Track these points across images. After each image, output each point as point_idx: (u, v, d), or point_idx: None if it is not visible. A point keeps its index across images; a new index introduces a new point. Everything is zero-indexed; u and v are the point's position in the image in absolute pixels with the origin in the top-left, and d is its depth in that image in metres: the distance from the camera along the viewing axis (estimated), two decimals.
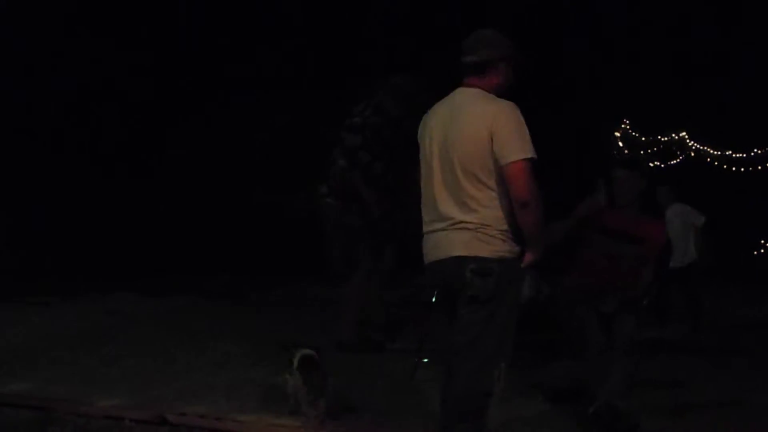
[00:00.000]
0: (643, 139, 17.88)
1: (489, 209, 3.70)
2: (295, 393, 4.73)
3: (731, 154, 17.44)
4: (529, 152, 3.64)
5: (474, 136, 3.68)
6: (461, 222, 3.72)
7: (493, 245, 3.71)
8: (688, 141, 17.69)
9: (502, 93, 3.90)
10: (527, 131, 3.70)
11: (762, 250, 17.12)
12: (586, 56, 16.41)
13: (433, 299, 4.05)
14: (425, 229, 3.94)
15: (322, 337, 6.51)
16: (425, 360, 5.70)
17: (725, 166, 17.42)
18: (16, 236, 11.04)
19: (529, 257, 3.78)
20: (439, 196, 3.81)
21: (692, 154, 17.71)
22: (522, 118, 3.72)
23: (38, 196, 11.10)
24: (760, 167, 16.92)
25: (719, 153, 17.55)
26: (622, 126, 17.67)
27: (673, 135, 17.72)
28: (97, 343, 6.47)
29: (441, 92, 4.03)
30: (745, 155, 17.23)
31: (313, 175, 7.00)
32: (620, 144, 17.71)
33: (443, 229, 3.80)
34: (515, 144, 3.64)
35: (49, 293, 8.82)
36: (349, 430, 4.68)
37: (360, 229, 6.63)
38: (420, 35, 13.59)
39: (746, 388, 5.80)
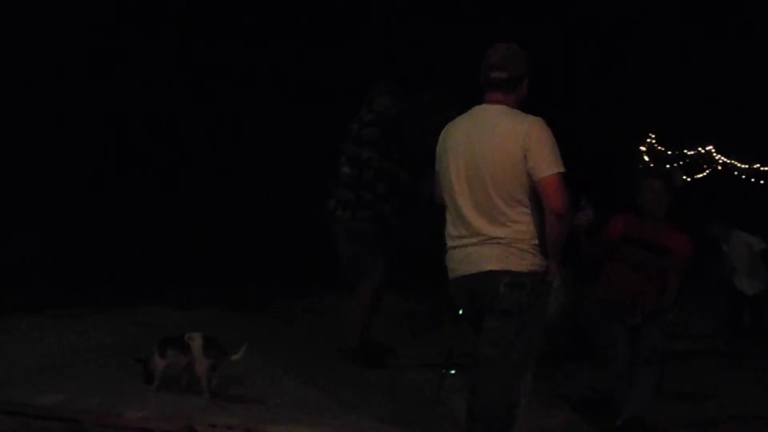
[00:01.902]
0: (669, 152, 17.79)
1: (520, 224, 3.76)
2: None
3: (759, 167, 17.34)
4: (561, 166, 3.71)
5: (507, 152, 3.72)
6: (493, 237, 3.76)
7: (525, 259, 3.76)
8: (714, 154, 17.57)
9: (520, 107, 3.93)
10: (557, 146, 3.76)
11: None
12: (609, 70, 16.37)
13: (460, 312, 4.10)
14: (451, 243, 3.97)
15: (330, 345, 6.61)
16: (452, 372, 5.72)
17: (753, 180, 17.30)
18: (46, 249, 11.11)
19: (554, 269, 3.82)
20: (468, 212, 3.84)
21: (719, 168, 17.60)
22: (551, 133, 3.78)
23: (68, 209, 11.14)
24: None
25: (747, 166, 17.44)
26: (648, 140, 17.59)
27: (699, 149, 17.61)
28: (126, 356, 6.48)
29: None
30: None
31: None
32: (646, 158, 17.63)
33: (473, 244, 3.83)
34: (549, 159, 3.69)
35: (78, 305, 8.87)
36: None
37: (371, 235, 6.62)
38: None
39: None
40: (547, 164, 3.69)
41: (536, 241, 3.77)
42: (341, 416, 5.06)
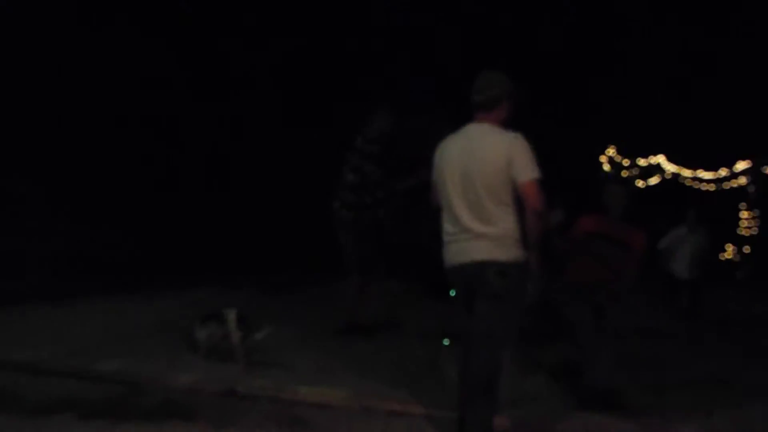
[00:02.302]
0: (626, 162, 17.79)
1: (505, 222, 3.83)
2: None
3: (701, 174, 17.32)
4: (538, 173, 3.78)
5: (495, 163, 3.79)
6: (483, 233, 3.82)
7: (510, 251, 3.82)
8: (664, 164, 17.57)
9: (505, 125, 3.97)
10: (533, 156, 3.83)
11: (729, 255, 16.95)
12: (577, 94, 16.38)
13: (452, 294, 4.12)
14: (447, 238, 4.02)
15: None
16: (446, 343, 5.73)
17: (697, 185, 17.30)
18: (113, 238, 11.13)
19: (533, 258, 3.86)
20: (461, 213, 3.90)
21: (669, 176, 17.60)
22: (528, 146, 3.85)
23: (130, 204, 11.13)
24: (725, 185, 16.79)
25: (691, 173, 17.43)
26: (609, 152, 17.59)
27: (651, 159, 17.61)
28: (178, 330, 6.51)
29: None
30: (713, 175, 17.12)
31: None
32: (606, 167, 17.63)
33: (466, 239, 3.89)
34: (528, 167, 3.77)
35: (139, 287, 8.91)
36: (390, 401, 4.68)
37: (369, 232, 6.55)
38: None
39: (720, 367, 5.76)
40: (527, 171, 3.76)
41: (518, 236, 3.83)
42: (353, 380, 5.07)
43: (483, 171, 3.82)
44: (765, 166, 16.42)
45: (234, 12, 12.53)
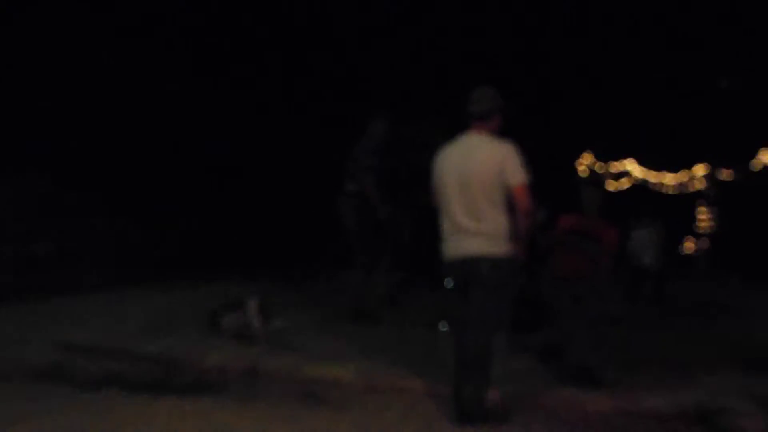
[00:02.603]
0: (600, 167, 17.77)
1: (497, 222, 3.82)
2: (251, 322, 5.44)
3: (665, 177, 17.30)
4: (527, 177, 3.81)
5: (490, 169, 3.79)
6: (477, 231, 3.82)
7: (501, 247, 3.82)
8: (634, 169, 17.55)
9: (498, 134, 3.97)
10: (523, 162, 3.84)
11: (689, 249, 16.91)
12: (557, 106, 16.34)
13: (450, 285, 4.10)
14: (446, 236, 4.01)
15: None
16: (443, 328, 5.70)
17: (662, 188, 17.28)
18: (152, 238, 11.16)
19: (521, 253, 3.87)
20: (458, 212, 3.88)
21: (638, 180, 17.58)
22: (518, 153, 3.85)
23: (166, 208, 11.10)
24: (686, 188, 16.78)
25: (656, 177, 17.41)
26: (584, 158, 17.57)
27: (622, 164, 17.60)
28: (207, 317, 6.49)
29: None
30: (675, 179, 17.10)
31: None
32: (583, 171, 17.60)
33: (462, 237, 3.88)
34: (518, 172, 3.79)
35: (175, 280, 8.92)
36: (393, 378, 4.66)
37: (370, 231, 6.46)
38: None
39: (683, 348, 5.74)
40: (517, 176, 3.78)
41: (508, 233, 3.83)
42: (361, 360, 5.05)
43: (479, 176, 3.81)
44: (720, 171, 16.40)
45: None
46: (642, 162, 17.19)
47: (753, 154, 14.94)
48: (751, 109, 14.12)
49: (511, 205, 3.84)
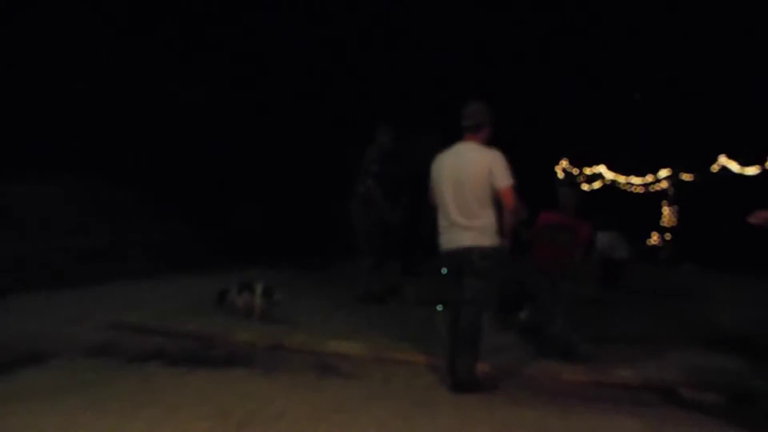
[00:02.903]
0: (575, 171, 17.71)
1: (486, 218, 3.86)
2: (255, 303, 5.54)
3: (631, 180, 17.22)
4: (512, 180, 3.82)
5: (479, 172, 3.83)
6: (468, 226, 3.86)
7: (489, 239, 3.86)
8: (605, 172, 17.47)
9: (488, 143, 3.99)
10: (509, 167, 3.86)
11: (654, 241, 16.81)
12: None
13: (446, 272, 4.12)
14: (442, 230, 4.04)
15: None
16: (439, 309, 5.71)
17: (630, 190, 17.21)
18: (190, 231, 11.18)
19: (507, 245, 3.90)
20: (452, 211, 3.93)
21: (608, 181, 17.51)
22: (505, 159, 3.88)
23: (198, 205, 11.08)
24: (651, 188, 16.69)
25: (624, 180, 17.31)
26: (562, 163, 17.52)
27: (595, 168, 17.53)
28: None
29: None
30: (642, 181, 17.01)
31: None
32: (560, 174, 17.55)
33: (456, 231, 3.92)
34: (505, 175, 3.81)
35: (208, 268, 8.92)
36: (396, 352, 4.68)
37: (380, 223, 6.45)
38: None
39: (648, 327, 5.73)
40: (504, 179, 3.80)
41: (495, 228, 3.86)
42: (369, 337, 5.07)
43: (470, 178, 3.84)
44: (681, 173, 16.32)
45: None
46: (611, 166, 17.12)
47: (714, 158, 14.84)
48: (711, 119, 14.06)
49: (498, 204, 3.87)
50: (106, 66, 9.39)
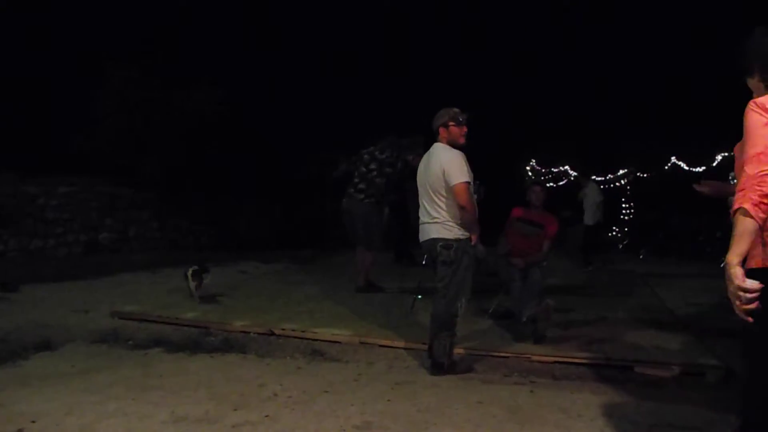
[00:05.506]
0: (543, 170, 17.80)
1: (447, 212, 3.84)
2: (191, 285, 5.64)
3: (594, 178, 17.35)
4: (465, 178, 3.76)
5: (437, 172, 3.82)
6: (434, 219, 3.87)
7: (452, 231, 3.83)
8: (570, 171, 17.57)
9: (457, 143, 3.89)
10: (465, 166, 3.80)
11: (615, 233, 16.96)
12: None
13: (424, 262, 4.11)
14: (419, 223, 4.02)
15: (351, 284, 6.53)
16: (419, 297, 5.68)
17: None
18: (193, 226, 11.12)
19: (473, 237, 3.85)
20: (424, 206, 3.96)
21: (572, 178, 17.60)
22: (462, 159, 3.82)
23: (203, 200, 11.02)
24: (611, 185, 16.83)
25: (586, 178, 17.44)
26: (530, 163, 17.63)
27: (561, 167, 17.62)
28: (234, 290, 6.47)
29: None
30: (603, 178, 17.13)
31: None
32: (529, 173, 17.63)
33: (426, 223, 3.93)
34: (457, 173, 3.75)
35: (211, 261, 8.79)
36: (380, 337, 4.63)
37: (372, 220, 6.38)
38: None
39: (608, 311, 5.74)
40: (455, 177, 3.75)
41: (458, 221, 3.82)
42: (357, 323, 5.04)
43: (431, 177, 3.86)
44: (637, 173, 16.47)
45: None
46: (575, 167, 17.23)
47: (668, 159, 14.98)
48: (668, 123, 14.26)
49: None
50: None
